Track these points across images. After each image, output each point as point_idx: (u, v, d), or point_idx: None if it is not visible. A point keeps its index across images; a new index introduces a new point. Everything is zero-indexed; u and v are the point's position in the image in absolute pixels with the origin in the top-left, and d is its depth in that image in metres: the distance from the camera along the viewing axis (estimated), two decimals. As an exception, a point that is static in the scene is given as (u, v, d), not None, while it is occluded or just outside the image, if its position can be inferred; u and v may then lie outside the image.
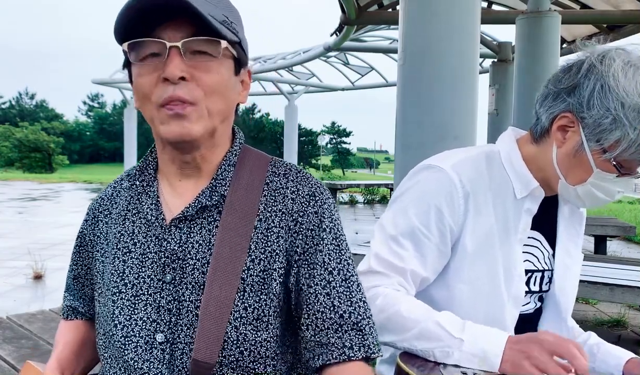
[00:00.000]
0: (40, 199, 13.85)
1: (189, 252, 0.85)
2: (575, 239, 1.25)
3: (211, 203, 0.87)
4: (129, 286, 0.87)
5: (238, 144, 0.94)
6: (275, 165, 0.94)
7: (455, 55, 2.68)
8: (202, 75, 0.81)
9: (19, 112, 66.99)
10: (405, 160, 2.83)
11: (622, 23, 6.80)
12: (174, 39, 0.79)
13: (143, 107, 0.86)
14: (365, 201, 14.89)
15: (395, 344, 1.06)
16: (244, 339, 0.82)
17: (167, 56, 0.79)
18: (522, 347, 0.95)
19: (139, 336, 0.85)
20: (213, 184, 0.88)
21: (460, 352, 0.99)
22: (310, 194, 0.89)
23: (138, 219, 0.91)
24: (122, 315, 0.86)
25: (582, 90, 1.04)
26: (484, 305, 1.13)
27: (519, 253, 1.16)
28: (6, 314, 3.31)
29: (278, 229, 0.86)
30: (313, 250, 0.86)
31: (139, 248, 0.88)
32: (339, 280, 0.86)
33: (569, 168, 1.10)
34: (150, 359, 0.83)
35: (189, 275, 0.84)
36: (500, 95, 8.02)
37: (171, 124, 0.82)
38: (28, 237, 7.69)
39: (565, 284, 1.23)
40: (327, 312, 0.84)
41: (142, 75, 0.83)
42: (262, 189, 0.89)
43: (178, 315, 0.84)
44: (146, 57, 0.82)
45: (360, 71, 17.56)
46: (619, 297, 3.20)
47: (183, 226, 0.86)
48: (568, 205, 1.23)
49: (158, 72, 0.81)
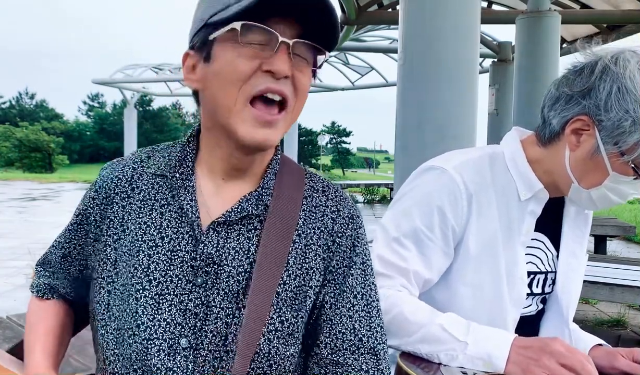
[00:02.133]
0: (40, 199, 13.85)
1: (225, 258, 0.82)
2: (581, 240, 1.23)
3: (257, 212, 0.84)
4: (153, 284, 0.81)
5: (280, 152, 0.92)
6: (312, 179, 0.93)
7: (455, 55, 2.68)
8: (299, 75, 0.81)
9: (19, 112, 66.95)
10: (405, 160, 2.83)
11: (622, 23, 6.80)
12: (285, 36, 0.77)
13: (225, 94, 0.79)
14: (365, 201, 14.90)
15: (399, 347, 1.06)
16: (275, 353, 0.81)
17: (276, 50, 0.77)
18: (532, 354, 0.95)
19: (162, 339, 0.80)
20: (259, 192, 0.86)
21: (465, 355, 0.99)
22: (350, 216, 0.90)
23: (168, 212, 0.85)
24: (145, 315, 0.80)
25: (598, 92, 1.02)
26: (485, 307, 1.13)
27: (521, 255, 1.15)
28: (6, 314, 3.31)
29: (316, 247, 0.86)
30: (342, 272, 0.86)
31: (168, 244, 0.83)
32: (362, 304, 0.87)
33: (583, 172, 1.08)
34: (174, 367, 0.79)
35: (223, 282, 0.81)
36: (500, 95, 8.03)
37: (257, 129, 0.79)
38: (28, 237, 7.70)
39: (568, 286, 1.22)
40: (348, 334, 0.85)
41: (242, 58, 0.77)
42: (301, 203, 0.88)
43: (204, 321, 0.80)
44: (251, 44, 0.77)
45: (360, 71, 17.57)
46: (619, 297, 3.20)
47: (222, 230, 0.83)
48: (574, 206, 1.22)
49: (259, 61, 0.77)
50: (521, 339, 0.99)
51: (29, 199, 13.76)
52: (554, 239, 1.22)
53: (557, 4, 6.60)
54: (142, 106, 59.18)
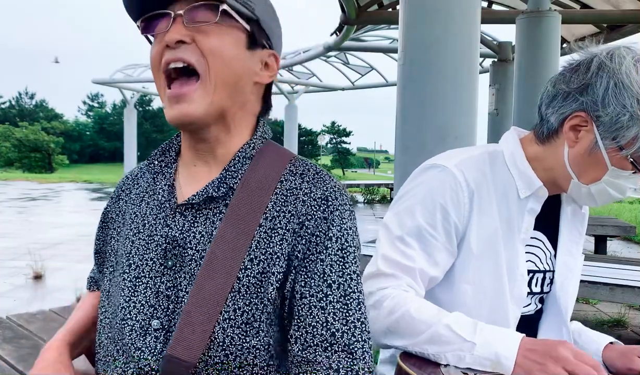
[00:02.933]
0: (40, 199, 13.85)
1: (189, 241, 0.82)
2: (578, 239, 1.24)
3: (218, 194, 0.83)
4: (132, 267, 0.85)
5: (260, 137, 0.90)
6: (294, 164, 0.88)
7: (455, 55, 2.68)
8: (202, 38, 0.81)
9: (19, 112, 66.89)
10: (405, 160, 2.83)
11: (622, 23, 6.80)
12: (179, 9, 0.81)
13: (157, 84, 0.86)
14: (366, 201, 14.90)
15: (407, 348, 1.05)
16: (230, 342, 0.78)
17: (170, 25, 0.81)
18: (537, 357, 0.95)
19: (135, 320, 0.82)
20: (223, 175, 0.85)
21: (473, 356, 0.98)
22: (322, 197, 0.83)
23: (152, 201, 0.89)
24: (122, 297, 0.84)
25: (595, 88, 1.03)
26: (487, 305, 1.13)
27: (521, 253, 1.15)
28: (6, 314, 3.31)
29: (283, 231, 0.81)
30: (314, 258, 0.80)
31: (147, 229, 0.87)
32: (337, 295, 0.79)
33: (582, 167, 1.09)
34: (143, 346, 0.81)
35: (186, 265, 0.81)
36: (500, 95, 8.02)
37: (173, 107, 0.82)
38: (28, 237, 7.69)
39: (566, 285, 1.22)
40: (319, 328, 0.78)
41: (153, 47, 0.84)
42: (275, 187, 0.84)
43: (175, 304, 0.81)
44: (158, 33, 0.83)
45: (360, 71, 17.55)
46: (619, 297, 3.20)
47: (188, 214, 0.84)
48: (571, 206, 1.22)
49: (163, 41, 0.82)
50: (528, 341, 0.99)
51: (29, 199, 13.76)
52: (551, 238, 1.23)
53: (557, 4, 6.60)
54: (142, 106, 59.16)
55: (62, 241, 7.41)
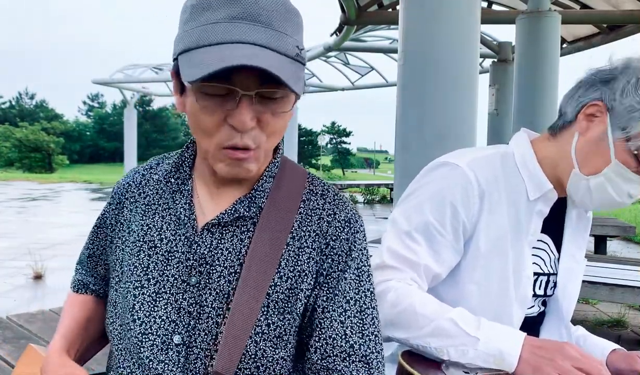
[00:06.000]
0: (40, 199, 13.85)
1: (217, 259, 0.84)
2: (581, 244, 1.24)
3: (248, 214, 0.85)
4: (151, 282, 0.86)
5: (279, 156, 0.92)
6: (312, 182, 0.92)
7: (455, 55, 2.68)
8: (270, 119, 0.79)
9: (19, 112, 66.90)
10: (405, 160, 2.83)
11: (622, 23, 6.80)
12: (246, 85, 0.75)
13: (198, 138, 0.82)
14: (366, 201, 14.90)
15: (408, 340, 1.05)
16: (262, 354, 0.81)
17: (237, 104, 0.75)
18: (545, 353, 0.95)
19: (156, 335, 0.83)
20: (253, 195, 0.87)
21: (476, 351, 0.98)
22: (346, 219, 0.88)
23: (168, 216, 0.89)
24: (141, 311, 0.85)
25: (618, 81, 1.06)
26: (492, 305, 1.13)
27: (528, 255, 1.15)
28: (6, 314, 3.31)
29: (310, 250, 0.86)
30: (336, 276, 0.86)
31: (166, 245, 0.87)
32: (354, 311, 0.85)
33: (586, 156, 1.09)
34: (166, 360, 0.82)
35: (214, 282, 0.83)
36: (500, 95, 8.02)
37: (233, 168, 0.81)
38: (28, 237, 7.69)
39: (569, 289, 1.22)
40: (338, 340, 0.84)
41: (206, 110, 0.77)
42: (299, 206, 0.88)
43: (198, 320, 0.83)
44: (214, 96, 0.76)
45: (360, 71, 17.54)
46: (619, 297, 3.20)
47: (215, 231, 0.85)
48: (576, 210, 1.22)
49: (224, 112, 0.77)
50: (532, 338, 0.99)
51: (29, 199, 13.76)
52: (556, 242, 1.23)
53: (557, 4, 6.60)
54: (142, 106, 59.10)
55: (62, 241, 7.41)
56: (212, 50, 0.74)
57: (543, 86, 5.64)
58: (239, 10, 0.75)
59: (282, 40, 0.76)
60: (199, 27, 0.76)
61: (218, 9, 0.75)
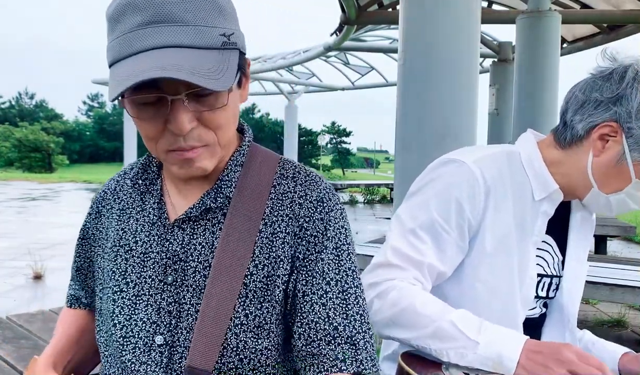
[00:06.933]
0: (40, 199, 13.85)
1: (191, 254, 0.83)
2: (585, 246, 1.24)
3: (215, 205, 0.84)
4: (130, 285, 0.85)
5: (247, 143, 0.90)
6: (284, 166, 0.90)
7: (455, 55, 2.67)
8: (210, 116, 0.77)
9: (19, 112, 66.89)
10: (405, 160, 2.83)
11: (622, 23, 6.80)
12: (174, 88, 0.73)
13: (146, 145, 0.82)
14: (366, 201, 14.90)
15: (409, 341, 1.05)
16: (244, 346, 0.80)
17: (169, 109, 0.74)
18: (542, 359, 0.94)
19: (137, 337, 0.83)
20: (218, 185, 0.85)
21: (475, 355, 0.98)
22: (318, 199, 0.86)
23: (142, 218, 0.88)
24: (121, 315, 0.84)
25: (630, 100, 1.03)
26: (497, 305, 1.12)
27: (532, 255, 1.15)
28: (6, 314, 3.31)
29: (284, 235, 0.84)
30: (314, 258, 0.83)
31: (141, 247, 0.86)
32: (335, 292, 0.83)
33: (605, 177, 1.09)
34: (148, 361, 0.82)
35: (190, 278, 0.82)
36: (500, 95, 8.02)
37: (185, 169, 0.80)
38: (28, 237, 7.69)
39: (573, 292, 1.22)
40: (321, 323, 0.81)
41: (144, 120, 0.77)
42: (269, 191, 0.86)
43: (178, 318, 0.82)
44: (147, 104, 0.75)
45: (360, 71, 17.55)
46: (619, 297, 3.19)
47: (186, 227, 0.84)
48: (581, 212, 1.22)
49: (162, 119, 0.75)
50: (533, 342, 0.98)
51: (29, 199, 13.76)
52: (559, 244, 1.22)
53: (557, 4, 6.60)
54: (142, 106, 58.90)
55: (62, 241, 7.41)
56: (125, 64, 0.72)
57: (543, 86, 5.64)
58: (149, 14, 0.71)
59: (200, 34, 0.73)
60: (116, 39, 0.74)
61: (130, 16, 0.72)
